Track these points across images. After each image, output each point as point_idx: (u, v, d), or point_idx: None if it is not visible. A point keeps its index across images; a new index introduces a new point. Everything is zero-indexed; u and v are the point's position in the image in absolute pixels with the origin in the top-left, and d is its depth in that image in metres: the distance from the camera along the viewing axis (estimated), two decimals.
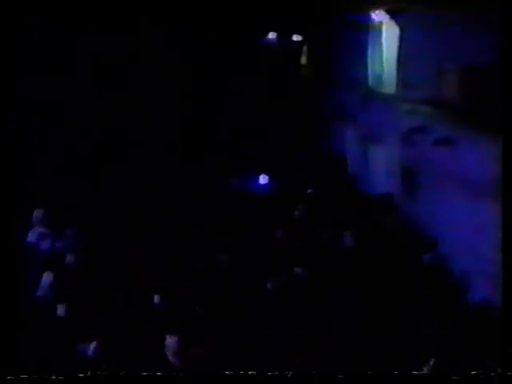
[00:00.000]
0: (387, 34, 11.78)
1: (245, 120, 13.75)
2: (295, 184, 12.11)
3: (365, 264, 9.04)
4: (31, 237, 9.40)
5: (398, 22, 11.13)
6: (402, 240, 10.08)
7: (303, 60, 15.38)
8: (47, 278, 8.28)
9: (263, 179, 12.17)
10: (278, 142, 13.54)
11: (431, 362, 6.55)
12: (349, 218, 10.60)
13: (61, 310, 7.73)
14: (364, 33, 12.34)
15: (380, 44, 12.06)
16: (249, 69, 14.24)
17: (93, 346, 7.00)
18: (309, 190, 11.46)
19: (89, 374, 5.68)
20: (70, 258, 8.88)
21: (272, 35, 14.84)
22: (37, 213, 9.65)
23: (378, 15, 11.64)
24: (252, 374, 5.50)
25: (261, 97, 14.30)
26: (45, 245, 9.30)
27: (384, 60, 12.00)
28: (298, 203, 10.77)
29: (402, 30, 11.04)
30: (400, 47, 11.14)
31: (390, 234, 10.36)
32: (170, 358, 6.77)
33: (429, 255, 9.47)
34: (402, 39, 11.06)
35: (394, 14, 11.13)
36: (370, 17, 11.84)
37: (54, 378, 5.45)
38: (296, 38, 14.97)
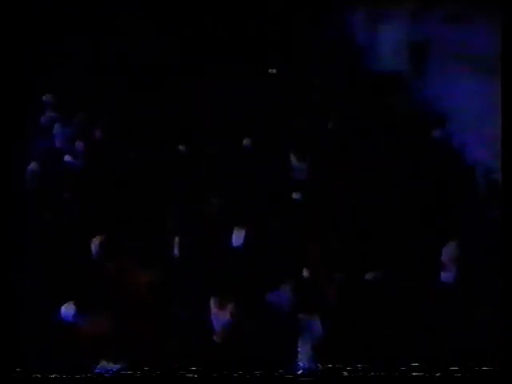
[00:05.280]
0: None
1: None
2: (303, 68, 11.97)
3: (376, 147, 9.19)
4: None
5: None
6: (412, 118, 10.19)
7: None
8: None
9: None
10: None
11: None
12: (358, 98, 10.67)
13: None
14: None
15: None
16: None
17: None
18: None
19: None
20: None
21: None
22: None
23: None
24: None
25: None
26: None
27: None
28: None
29: None
30: None
31: (401, 113, 10.44)
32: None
33: (439, 132, 9.61)
34: None
35: None
36: None
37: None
38: None
